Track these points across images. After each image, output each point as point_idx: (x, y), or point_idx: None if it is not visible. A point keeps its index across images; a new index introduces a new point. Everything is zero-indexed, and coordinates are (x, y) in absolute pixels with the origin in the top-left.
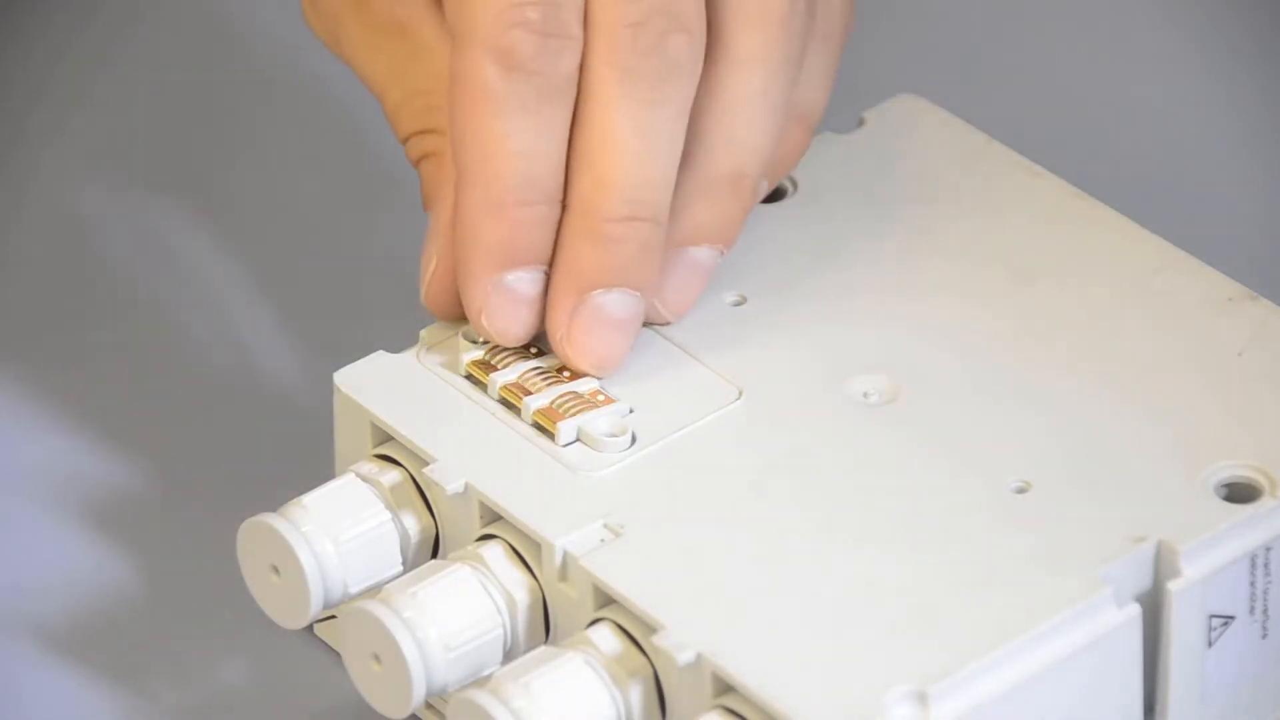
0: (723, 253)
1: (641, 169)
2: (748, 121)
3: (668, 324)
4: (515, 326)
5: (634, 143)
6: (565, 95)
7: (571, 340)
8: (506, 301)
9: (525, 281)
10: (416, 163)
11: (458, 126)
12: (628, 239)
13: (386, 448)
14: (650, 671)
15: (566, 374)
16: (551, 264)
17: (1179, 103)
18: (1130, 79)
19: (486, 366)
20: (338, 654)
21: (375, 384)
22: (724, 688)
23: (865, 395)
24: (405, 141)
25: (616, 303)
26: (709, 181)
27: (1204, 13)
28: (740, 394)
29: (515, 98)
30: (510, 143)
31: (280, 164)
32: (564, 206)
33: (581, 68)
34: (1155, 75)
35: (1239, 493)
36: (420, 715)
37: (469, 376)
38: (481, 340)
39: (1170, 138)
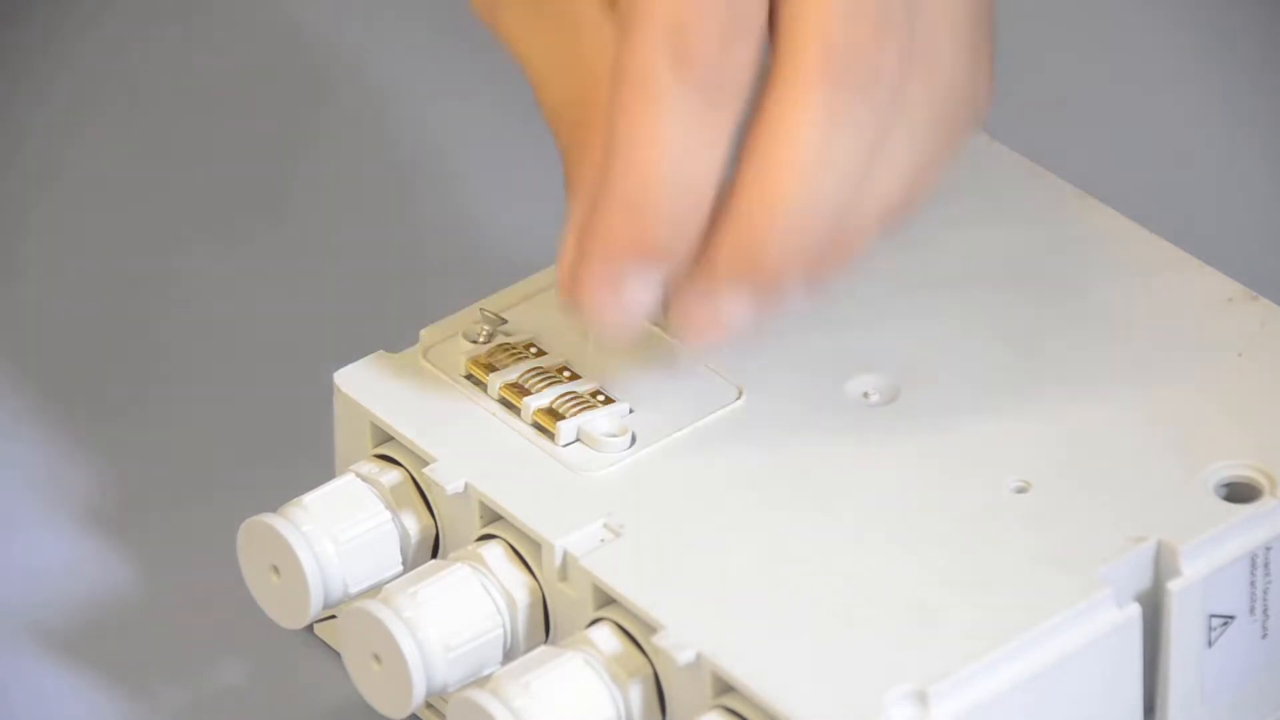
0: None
1: (817, 190)
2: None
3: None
4: (613, 325)
5: (817, 162)
6: (739, 101)
7: (680, 315)
8: (615, 297)
9: (640, 285)
10: (564, 149)
11: (615, 118)
12: (779, 260)
13: (386, 448)
14: (650, 671)
15: (566, 374)
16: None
17: (1179, 103)
18: (1130, 79)
19: (486, 366)
20: (338, 654)
21: (375, 384)
22: (724, 687)
23: (865, 395)
24: (555, 128)
25: (738, 306)
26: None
27: (1204, 13)
28: (740, 394)
29: (684, 102)
30: (667, 151)
31: (281, 163)
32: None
33: (772, 67)
34: (1155, 75)
35: (1239, 492)
36: (420, 715)
37: (469, 376)
38: (482, 340)
39: (1170, 138)
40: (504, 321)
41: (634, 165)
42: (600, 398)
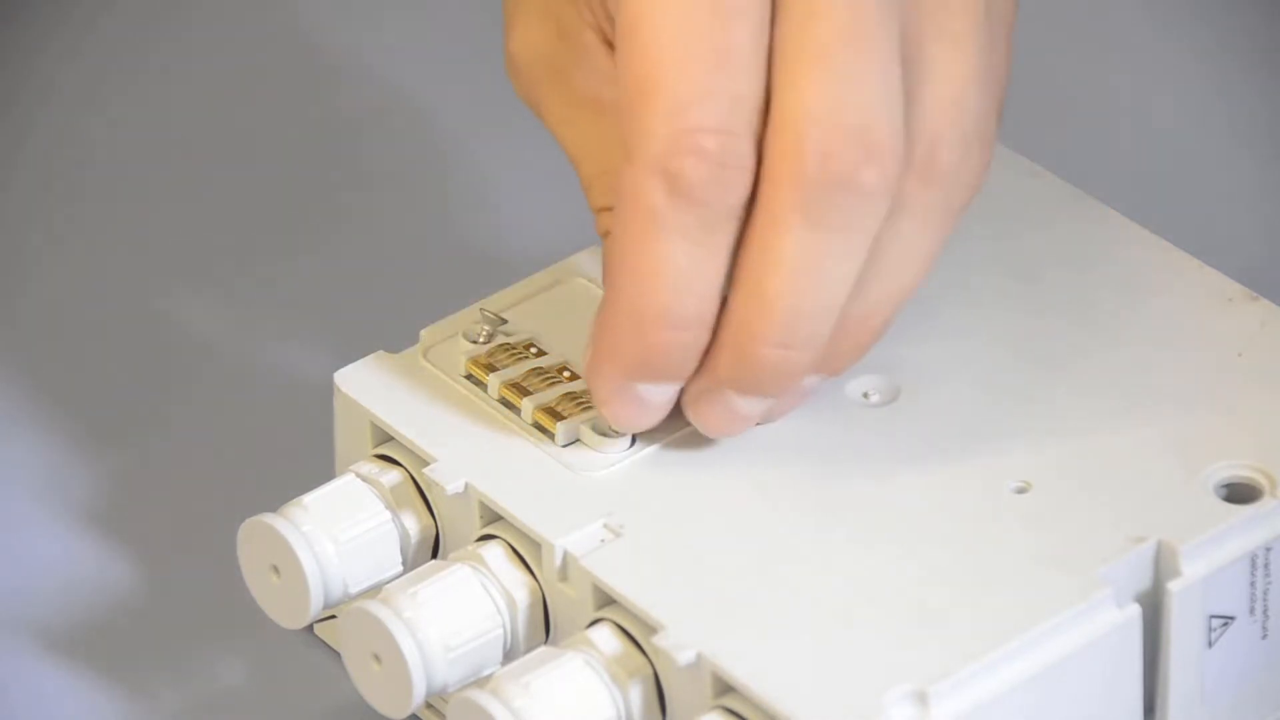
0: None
1: (807, 300)
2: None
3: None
4: (636, 427)
5: (804, 274)
6: (731, 225)
7: (694, 415)
8: (632, 407)
9: (655, 393)
10: (603, 235)
11: (617, 237)
12: (778, 366)
13: (386, 448)
14: (650, 672)
15: (566, 374)
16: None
17: (1179, 103)
18: (1130, 79)
19: (486, 366)
20: (338, 654)
21: (375, 384)
22: (724, 688)
23: (865, 395)
24: (596, 214)
25: (748, 403)
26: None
27: (1204, 13)
28: None
29: (678, 226)
30: (666, 269)
31: (281, 163)
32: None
33: (759, 182)
34: (1155, 75)
35: (1239, 493)
36: (420, 716)
37: (469, 376)
38: (482, 340)
39: (1170, 138)
40: (504, 321)
41: (635, 286)
42: None
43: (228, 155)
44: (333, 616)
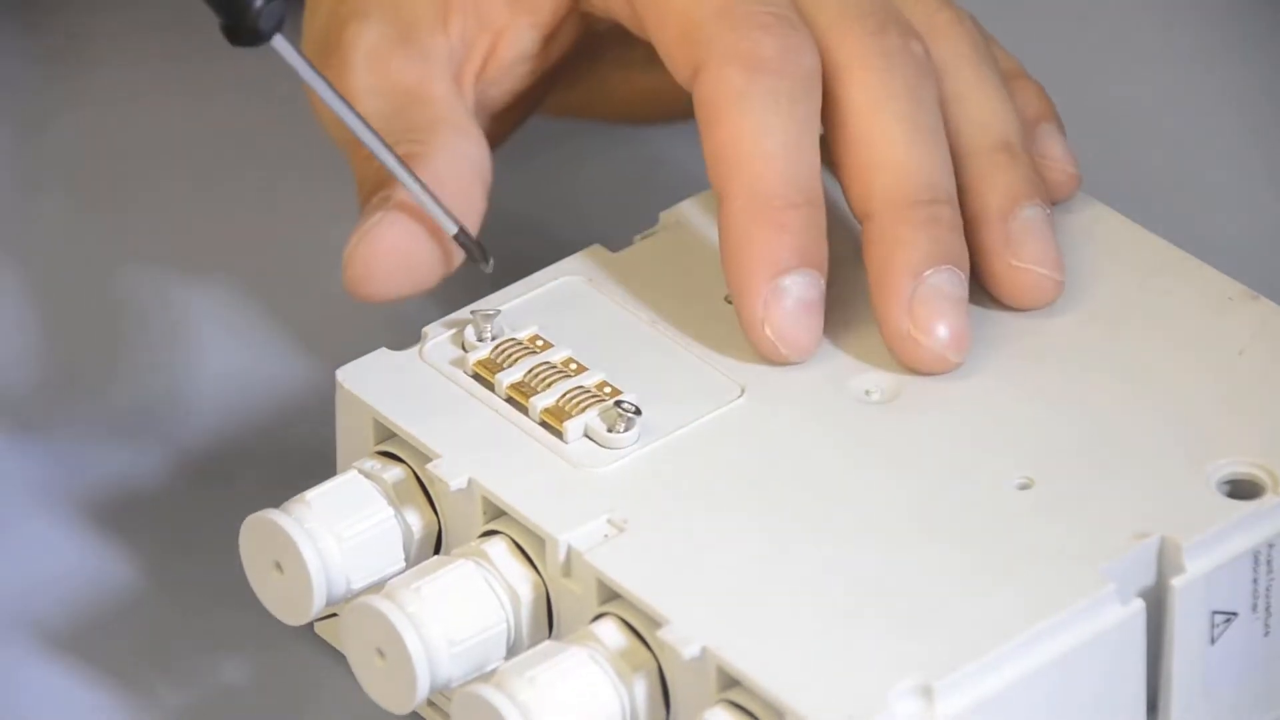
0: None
1: (928, 154)
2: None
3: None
4: (802, 334)
5: (915, 134)
6: (812, 94)
7: (922, 327)
8: (790, 307)
9: (804, 285)
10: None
11: (712, 145)
12: (938, 219)
13: (389, 444)
14: (655, 666)
15: (574, 365)
16: (871, 268)
17: (1179, 103)
18: (1130, 79)
19: (493, 365)
20: (339, 653)
21: (378, 380)
22: (729, 682)
23: (867, 393)
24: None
25: (950, 280)
26: (989, 154)
27: (1204, 12)
28: (742, 391)
29: (766, 97)
30: (767, 142)
31: (283, 160)
32: (864, 215)
33: (827, 79)
34: (1155, 75)
35: (1242, 489)
36: (421, 713)
37: (475, 376)
38: (488, 336)
39: (1170, 138)
40: (497, 312)
41: (748, 170)
42: (608, 390)
43: (229, 152)
44: (334, 615)
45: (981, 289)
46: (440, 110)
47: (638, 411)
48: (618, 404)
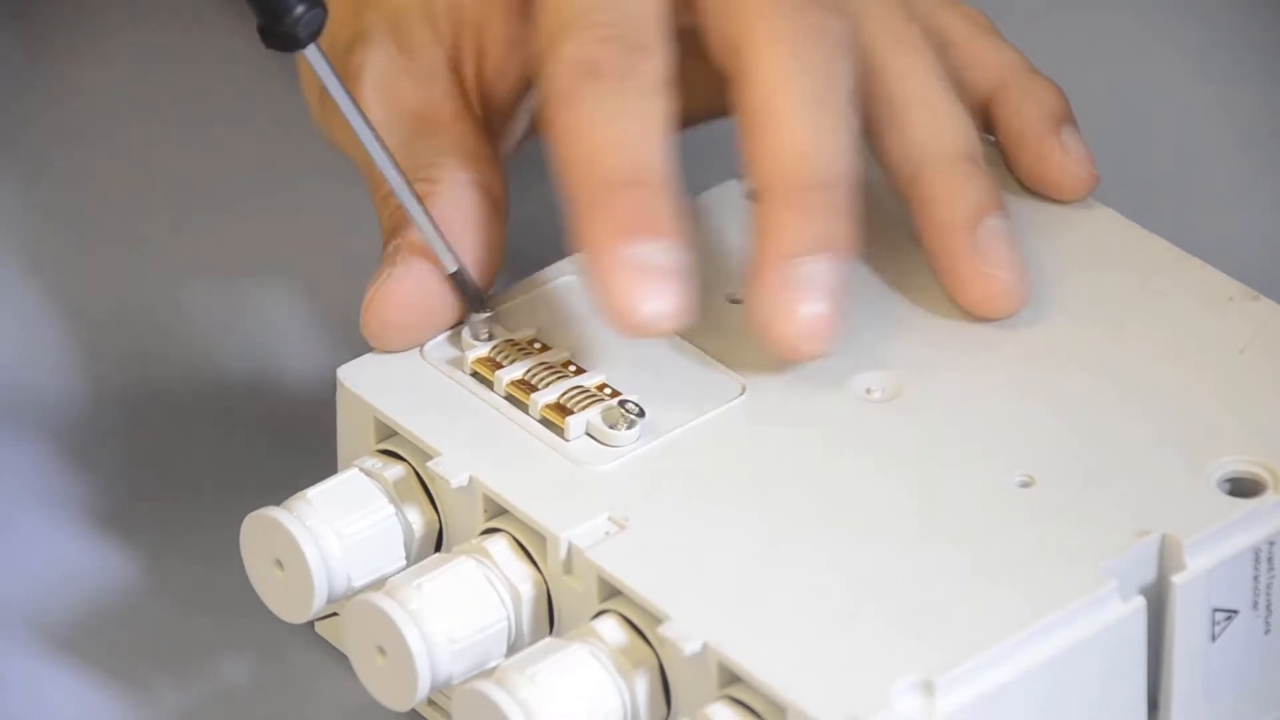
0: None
1: (831, 138)
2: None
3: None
4: (652, 302)
5: (817, 115)
6: (655, 95)
7: (782, 311)
8: (637, 275)
9: (648, 253)
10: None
11: (553, 139)
12: (828, 205)
13: (390, 442)
14: (656, 663)
15: (573, 368)
16: (753, 246)
17: (1179, 103)
18: (1130, 79)
19: (492, 364)
20: (339, 652)
21: (378, 379)
22: (730, 678)
23: (868, 391)
24: (381, 200)
25: (825, 270)
26: (956, 162)
27: (1204, 12)
28: (744, 389)
29: (599, 93)
30: (598, 132)
31: (284, 161)
32: (757, 192)
33: (739, 54)
34: (1155, 75)
35: (1242, 487)
36: (421, 710)
37: (475, 374)
38: (485, 336)
39: (1170, 138)
40: (492, 312)
41: (577, 151)
42: (607, 390)
43: (230, 154)
44: (334, 615)
45: (947, 297)
46: (451, 138)
47: (641, 413)
48: (622, 404)
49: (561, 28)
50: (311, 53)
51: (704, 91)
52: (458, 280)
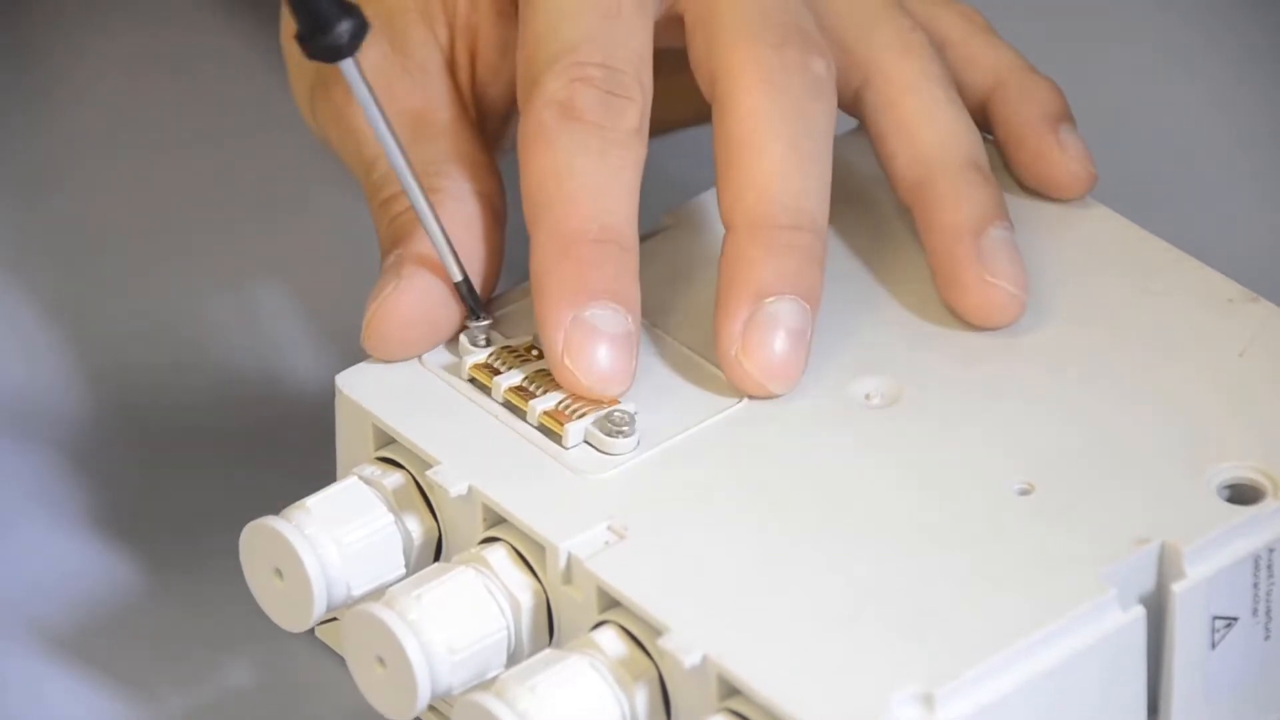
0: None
1: (801, 179)
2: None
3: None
4: (601, 365)
5: (791, 155)
6: (630, 148)
7: (748, 351)
8: (587, 338)
9: (604, 318)
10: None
11: (525, 177)
12: (796, 246)
13: (389, 450)
14: (655, 674)
15: None
16: (719, 281)
17: (1179, 103)
18: (1129, 79)
19: (490, 370)
20: (340, 657)
21: (377, 387)
22: (730, 690)
23: (867, 398)
24: (380, 204)
25: (790, 311)
26: (962, 170)
27: (1204, 13)
28: (743, 396)
29: (575, 142)
30: (572, 181)
31: (285, 164)
32: (726, 227)
33: (718, 86)
34: (1155, 75)
35: (1242, 494)
36: (422, 718)
37: (472, 380)
38: (484, 342)
39: (1170, 138)
40: (489, 318)
41: (551, 208)
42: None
43: (231, 156)
44: (335, 619)
45: (947, 306)
46: (452, 144)
47: (630, 421)
48: (609, 414)
49: (547, 62)
50: (348, 66)
51: (695, 99)
52: (460, 289)
